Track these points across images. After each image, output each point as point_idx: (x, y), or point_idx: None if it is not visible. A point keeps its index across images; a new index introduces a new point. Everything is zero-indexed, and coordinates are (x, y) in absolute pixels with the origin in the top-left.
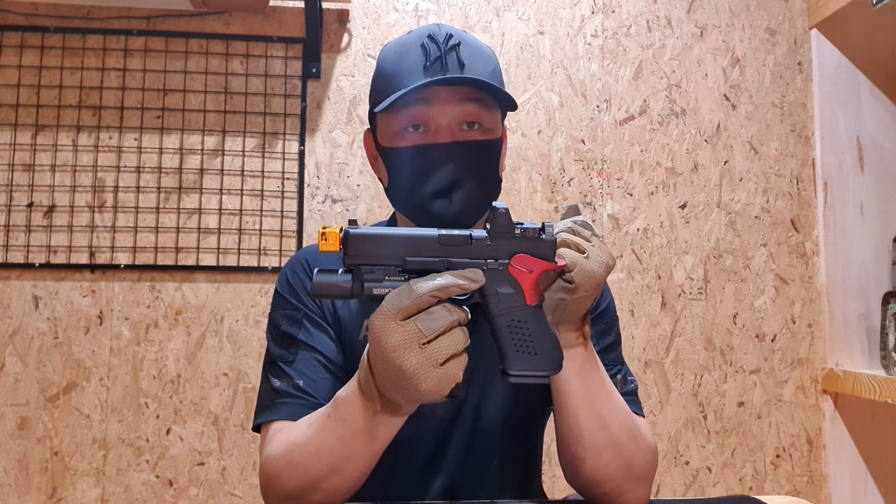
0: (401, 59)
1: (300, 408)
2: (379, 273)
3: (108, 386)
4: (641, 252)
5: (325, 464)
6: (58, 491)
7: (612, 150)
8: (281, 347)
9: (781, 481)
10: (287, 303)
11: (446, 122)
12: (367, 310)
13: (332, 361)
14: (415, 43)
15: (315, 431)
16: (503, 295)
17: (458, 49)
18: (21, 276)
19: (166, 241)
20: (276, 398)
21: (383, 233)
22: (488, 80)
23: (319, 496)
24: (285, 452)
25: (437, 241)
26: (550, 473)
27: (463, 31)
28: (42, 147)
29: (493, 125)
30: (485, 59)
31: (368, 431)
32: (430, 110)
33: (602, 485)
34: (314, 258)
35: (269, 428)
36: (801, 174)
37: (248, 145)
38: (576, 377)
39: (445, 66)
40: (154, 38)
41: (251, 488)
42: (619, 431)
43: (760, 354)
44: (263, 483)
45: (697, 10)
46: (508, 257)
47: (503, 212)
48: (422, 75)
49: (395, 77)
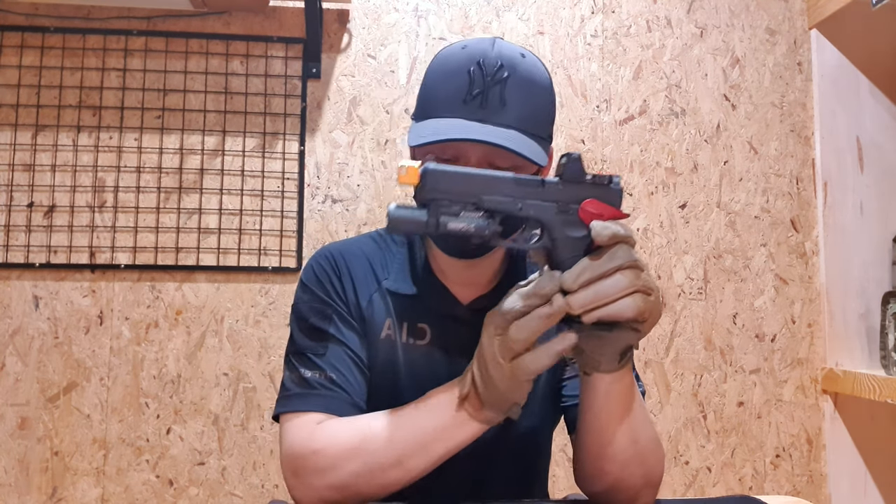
0: (446, 80)
1: (336, 401)
2: (455, 208)
3: (108, 386)
4: (641, 252)
5: (394, 453)
6: (58, 491)
7: (612, 150)
8: (311, 340)
9: (781, 481)
10: (315, 297)
11: (476, 160)
12: (389, 309)
13: (362, 360)
14: (464, 65)
15: (393, 421)
16: (573, 239)
17: (505, 84)
18: (21, 276)
19: (166, 241)
20: (310, 389)
21: (461, 171)
22: (522, 126)
23: (372, 488)
24: (349, 440)
25: (512, 181)
26: (551, 473)
27: (521, 55)
28: (42, 147)
29: (525, 165)
30: (533, 95)
31: (449, 430)
32: (464, 147)
33: (621, 493)
34: (339, 253)
35: (301, 417)
36: (801, 174)
37: (249, 145)
38: (620, 398)
39: (486, 103)
40: (154, 39)
41: (251, 488)
42: (646, 443)
43: (760, 354)
44: (309, 470)
45: (697, 11)
46: (579, 202)
47: (576, 157)
48: (460, 109)
49: (435, 97)
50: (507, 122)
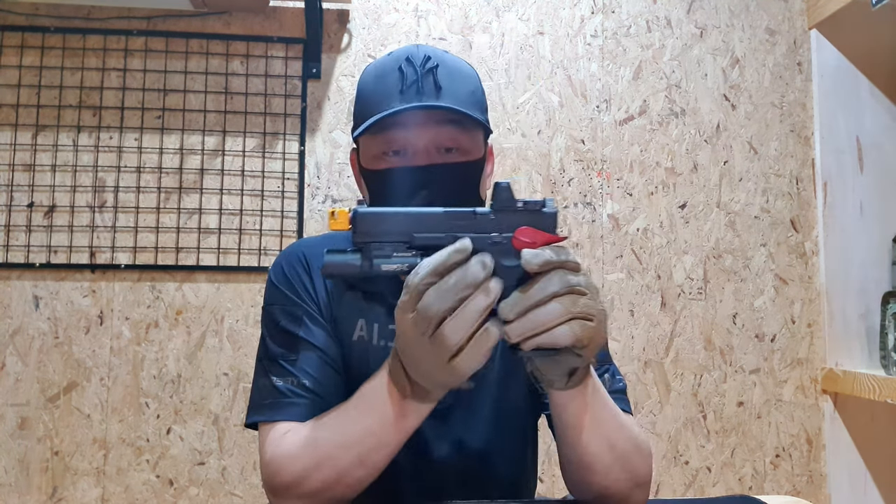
0: (378, 82)
1: (308, 408)
2: (387, 249)
3: (108, 386)
4: (641, 252)
5: (352, 454)
6: (58, 491)
7: (612, 151)
8: (281, 346)
9: (781, 481)
10: (285, 297)
11: (423, 145)
12: (360, 309)
13: (334, 359)
14: (392, 66)
15: (341, 423)
16: (508, 269)
17: (436, 71)
18: (21, 276)
19: (167, 241)
20: (280, 397)
21: (391, 211)
22: (461, 107)
23: (341, 489)
24: (308, 450)
25: (442, 217)
26: (550, 473)
27: (444, 52)
28: (42, 147)
29: (472, 147)
30: (464, 81)
31: (397, 420)
32: (407, 134)
33: (610, 498)
34: (310, 251)
35: (274, 428)
36: (801, 174)
37: (249, 145)
38: (585, 411)
39: (421, 90)
40: (154, 39)
41: (251, 488)
42: (624, 447)
43: (760, 354)
44: (280, 484)
45: (697, 11)
46: (512, 230)
47: (505, 186)
48: (397, 99)
49: (373, 100)
50: (446, 103)
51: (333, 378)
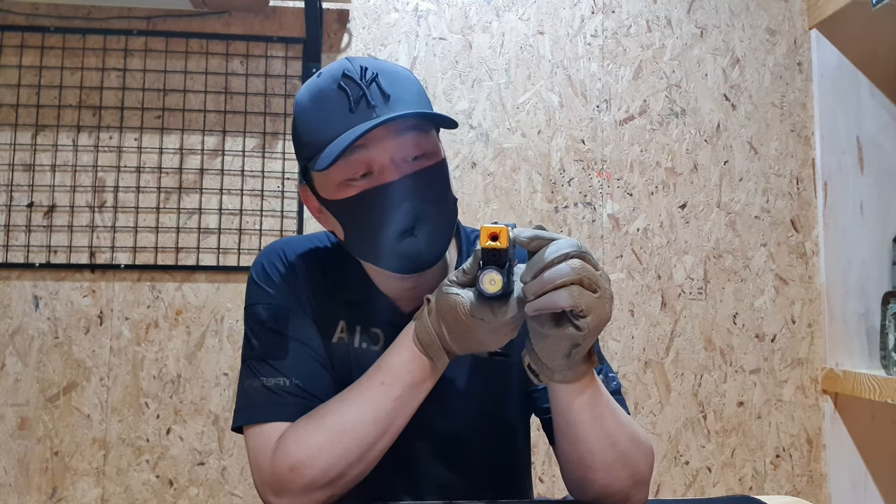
0: (320, 106)
1: (302, 408)
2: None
3: (108, 386)
4: (641, 252)
5: (379, 428)
6: (58, 491)
7: (612, 150)
8: (269, 344)
9: (781, 481)
10: (269, 296)
11: (389, 159)
12: (340, 311)
13: (322, 356)
14: (330, 85)
15: (367, 400)
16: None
17: (378, 80)
18: (21, 276)
19: (166, 241)
20: (273, 397)
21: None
22: (419, 109)
23: (364, 465)
24: (324, 435)
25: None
26: (550, 473)
27: (375, 59)
28: (42, 147)
29: (434, 149)
30: (407, 84)
31: (421, 384)
32: (371, 153)
33: (611, 496)
34: (291, 249)
35: (270, 430)
36: (801, 174)
37: (249, 145)
38: (587, 408)
39: (370, 103)
40: (154, 39)
41: (251, 488)
42: (625, 444)
43: (760, 354)
44: (293, 489)
45: (697, 11)
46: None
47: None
48: (349, 119)
49: (322, 127)
50: (399, 109)
51: (324, 375)
